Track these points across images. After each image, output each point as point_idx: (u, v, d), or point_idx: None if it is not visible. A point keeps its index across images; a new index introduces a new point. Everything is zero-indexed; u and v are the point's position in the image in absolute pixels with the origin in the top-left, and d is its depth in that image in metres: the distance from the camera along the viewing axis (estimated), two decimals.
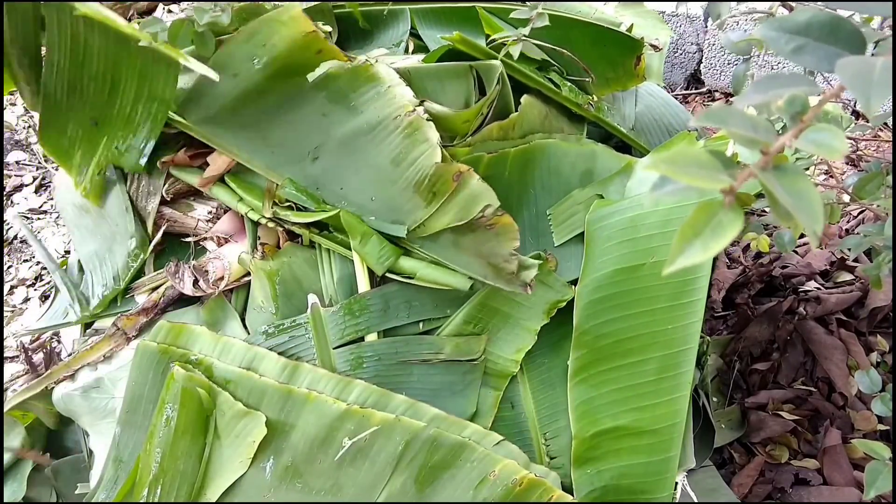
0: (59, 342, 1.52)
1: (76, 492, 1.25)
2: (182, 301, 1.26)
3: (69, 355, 1.31)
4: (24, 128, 3.29)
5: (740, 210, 0.35)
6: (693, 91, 2.88)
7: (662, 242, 1.16)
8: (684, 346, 1.15)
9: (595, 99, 1.40)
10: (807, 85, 0.42)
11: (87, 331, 1.32)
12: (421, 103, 1.13)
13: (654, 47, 1.52)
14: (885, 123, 1.90)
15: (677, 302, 1.15)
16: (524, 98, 1.27)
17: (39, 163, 3.17)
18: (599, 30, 1.41)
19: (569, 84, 1.38)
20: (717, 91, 2.85)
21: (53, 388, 1.24)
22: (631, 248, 1.18)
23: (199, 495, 1.09)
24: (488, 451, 1.09)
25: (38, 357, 1.47)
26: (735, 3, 0.94)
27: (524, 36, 1.19)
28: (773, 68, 2.51)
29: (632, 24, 1.46)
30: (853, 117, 2.23)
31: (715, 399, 1.65)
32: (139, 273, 1.29)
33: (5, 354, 2.14)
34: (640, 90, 1.59)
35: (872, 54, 0.52)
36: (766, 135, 0.38)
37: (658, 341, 1.15)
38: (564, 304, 1.20)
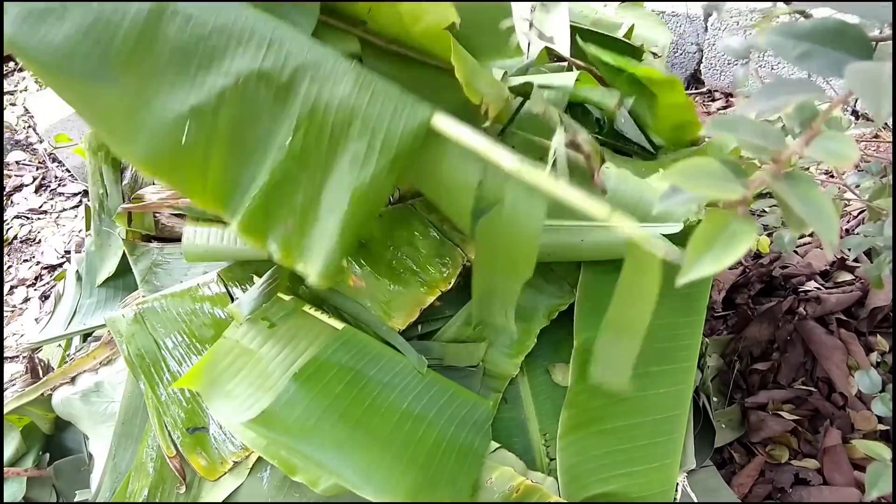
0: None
1: (76, 499, 1.25)
2: None
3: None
4: (24, 128, 3.28)
5: (753, 220, 0.35)
6: (693, 91, 2.88)
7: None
8: (675, 411, 1.12)
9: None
10: (815, 91, 0.42)
11: (88, 338, 1.32)
12: None
13: (654, 55, 1.52)
14: (885, 123, 1.90)
15: (669, 366, 1.11)
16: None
17: (39, 163, 3.16)
18: (600, 37, 1.40)
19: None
20: (717, 91, 2.85)
21: (51, 393, 1.24)
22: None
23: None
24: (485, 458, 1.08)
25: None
26: (734, 1, 0.93)
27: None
28: (772, 68, 2.51)
29: (633, 25, 1.46)
30: (852, 117, 2.23)
31: (715, 399, 1.65)
32: None
33: (5, 354, 2.14)
34: None
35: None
36: (775, 143, 0.38)
37: (650, 405, 1.11)
38: (565, 307, 1.19)
